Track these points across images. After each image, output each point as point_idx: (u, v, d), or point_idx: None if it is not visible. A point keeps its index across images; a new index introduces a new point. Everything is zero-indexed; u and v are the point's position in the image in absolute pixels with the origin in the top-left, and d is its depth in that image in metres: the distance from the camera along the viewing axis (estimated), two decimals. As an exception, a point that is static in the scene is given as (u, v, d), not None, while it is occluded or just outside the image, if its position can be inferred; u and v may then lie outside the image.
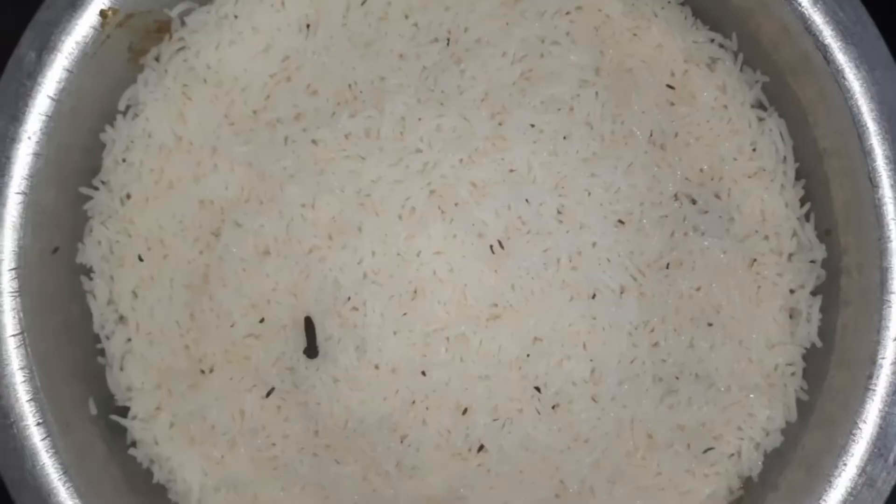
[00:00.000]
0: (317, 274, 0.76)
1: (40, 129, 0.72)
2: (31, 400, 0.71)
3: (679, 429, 0.78)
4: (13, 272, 0.71)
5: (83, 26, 0.73)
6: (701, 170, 0.79)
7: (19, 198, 0.72)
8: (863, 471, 0.69)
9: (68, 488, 0.70)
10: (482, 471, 0.77)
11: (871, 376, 0.69)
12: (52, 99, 0.72)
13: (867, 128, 0.70)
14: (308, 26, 0.80)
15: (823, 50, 0.70)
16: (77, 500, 0.70)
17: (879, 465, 0.69)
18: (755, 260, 0.79)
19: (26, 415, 0.70)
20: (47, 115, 0.72)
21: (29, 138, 0.72)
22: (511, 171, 0.77)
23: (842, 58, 0.70)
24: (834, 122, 0.72)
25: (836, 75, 0.70)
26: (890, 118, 0.69)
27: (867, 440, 0.69)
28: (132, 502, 0.77)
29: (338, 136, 0.78)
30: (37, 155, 0.72)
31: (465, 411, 0.76)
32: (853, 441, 0.69)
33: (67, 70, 0.73)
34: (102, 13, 0.72)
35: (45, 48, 0.72)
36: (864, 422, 0.69)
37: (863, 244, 0.71)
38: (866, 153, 0.69)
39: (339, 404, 0.76)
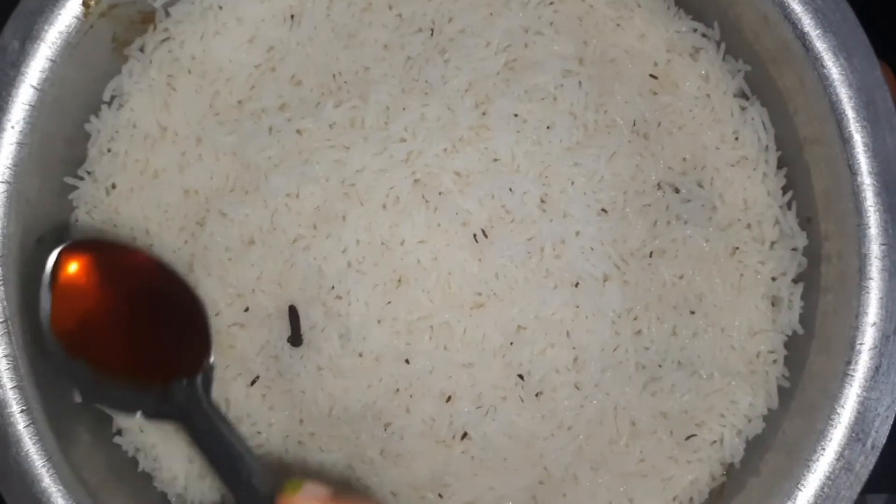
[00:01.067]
0: (301, 263, 0.77)
1: (24, 119, 0.72)
2: (15, 387, 0.71)
3: (662, 416, 0.78)
4: (-3, 260, 0.72)
5: (66, 16, 0.73)
6: (684, 159, 0.80)
7: (3, 187, 0.72)
8: (841, 455, 0.69)
9: (52, 475, 0.71)
10: (466, 458, 0.77)
11: (849, 362, 0.69)
12: (36, 88, 0.73)
13: (846, 115, 0.70)
14: (292, 17, 0.80)
15: (802, 38, 0.70)
16: (60, 487, 0.70)
17: (857, 449, 0.69)
18: (737, 248, 0.79)
19: (10, 402, 0.71)
20: (31, 105, 0.73)
21: (13, 127, 0.72)
22: (495, 160, 0.77)
23: (820, 45, 0.70)
24: (813, 110, 0.72)
25: (815, 63, 0.70)
26: (868, 106, 0.69)
27: (845, 425, 0.69)
28: (117, 490, 0.77)
29: (322, 125, 0.78)
30: (20, 144, 0.73)
31: (448, 399, 0.77)
32: (832, 426, 0.69)
33: (51, 60, 0.73)
34: (85, 3, 0.73)
35: (29, 37, 0.72)
36: (843, 407, 0.69)
37: (842, 231, 0.72)
38: (845, 140, 0.70)
39: (323, 392, 0.77)
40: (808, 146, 0.75)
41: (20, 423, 0.71)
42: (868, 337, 0.69)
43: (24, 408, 0.71)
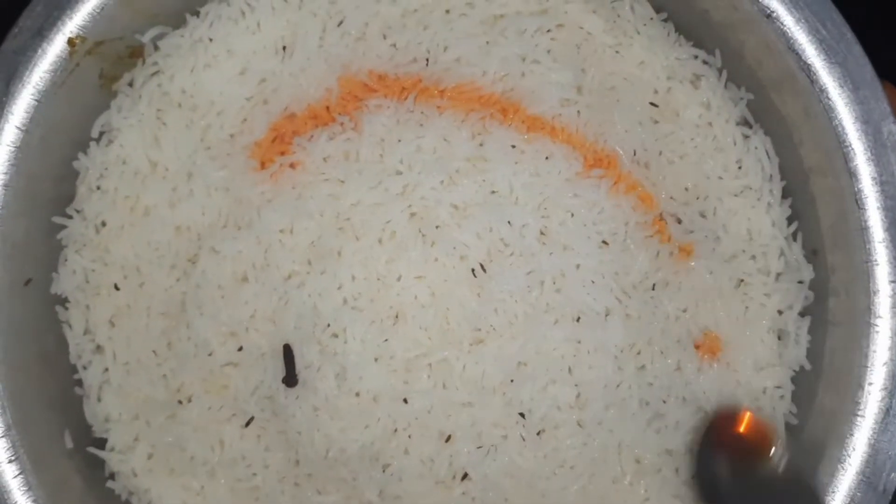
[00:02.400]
0: (296, 300, 0.75)
1: (8, 161, 0.71)
2: (2, 437, 0.69)
3: (667, 453, 0.76)
4: (-16, 306, 0.70)
5: (51, 55, 0.71)
6: (686, 188, 0.78)
7: (-12, 230, 0.71)
8: (852, 500, 0.67)
9: (42, 526, 0.69)
10: (466, 499, 0.76)
11: (858, 402, 0.68)
12: (21, 129, 0.71)
13: (852, 148, 0.68)
14: (284, 48, 0.79)
15: (807, 69, 0.68)
16: (51, 538, 0.69)
17: (869, 493, 0.67)
18: (742, 280, 0.77)
19: (-2, 452, 0.69)
20: (15, 146, 0.71)
21: (-3, 170, 0.71)
22: (493, 192, 0.76)
23: (825, 76, 0.68)
24: (819, 141, 0.71)
25: (820, 94, 0.68)
26: (875, 138, 0.67)
27: (856, 469, 0.67)
28: (110, 536, 0.76)
29: (316, 159, 0.76)
30: (6, 186, 0.71)
31: (448, 439, 0.75)
32: (842, 469, 0.68)
33: (36, 100, 0.71)
34: (70, 41, 0.71)
35: (13, 78, 0.70)
36: (854, 449, 0.67)
37: (850, 266, 0.70)
38: (852, 174, 0.68)
39: (319, 433, 0.75)
40: (814, 177, 0.73)
41: (8, 473, 0.69)
42: (878, 376, 0.67)
43: (12, 457, 0.69)
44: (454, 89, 0.77)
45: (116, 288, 0.78)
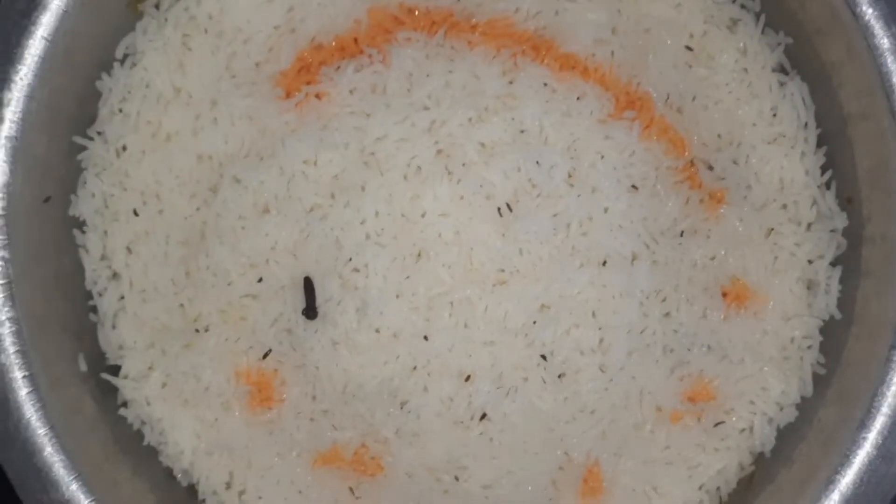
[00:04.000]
0: (318, 233, 0.74)
1: (33, 72, 0.69)
2: (17, 352, 0.68)
3: (689, 401, 0.75)
4: (2, 219, 0.68)
5: (79, -34, 0.70)
6: (718, 135, 0.77)
7: (10, 142, 0.69)
8: (882, 445, 0.66)
9: (54, 444, 0.68)
10: (484, 440, 0.74)
11: (893, 347, 0.66)
12: (47, 40, 0.69)
13: (896, 87, 0.67)
14: (314, -24, 0.77)
15: (852, 5, 0.67)
16: (63, 457, 0.68)
17: (900, 438, 0.66)
18: (772, 229, 0.76)
19: (13, 367, 0.68)
20: (41, 57, 0.69)
21: (21, 79, 0.69)
22: (522, 131, 0.74)
23: (871, 13, 0.67)
24: (861, 83, 0.69)
25: (865, 31, 0.67)
26: (921, 78, 0.66)
27: (887, 413, 0.66)
28: (122, 463, 0.75)
29: (342, 91, 0.75)
30: (29, 98, 0.70)
31: (468, 378, 0.74)
32: (872, 415, 0.67)
33: (63, 10, 0.70)
34: (99, -48, 0.70)
35: (41, -14, 0.69)
36: (885, 393, 0.66)
37: (888, 211, 0.69)
38: (895, 114, 0.67)
39: (338, 368, 0.74)
40: (853, 122, 0.72)
41: (22, 389, 0.68)
42: (915, 321, 0.66)
43: (26, 374, 0.68)
44: (486, 24, 0.76)
45: (135, 214, 0.77)
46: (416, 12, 0.77)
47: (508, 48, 0.76)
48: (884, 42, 0.66)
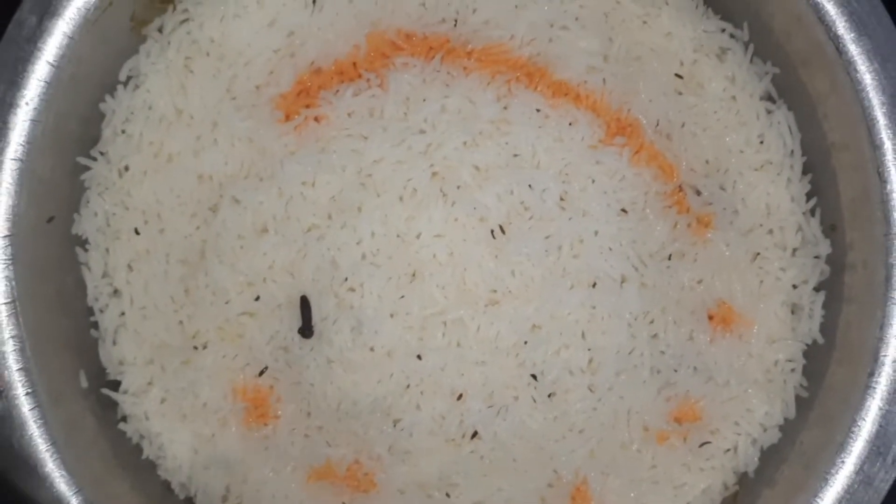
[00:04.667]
0: (314, 253, 0.75)
1: (39, 96, 0.71)
2: (21, 369, 0.70)
3: (676, 421, 0.77)
4: (6, 239, 0.70)
5: (85, -9, 0.72)
6: (707, 161, 0.78)
7: (15, 164, 0.71)
8: (861, 469, 0.68)
9: (55, 460, 0.69)
10: (475, 457, 0.76)
11: (872, 373, 0.68)
12: (52, 65, 0.71)
13: (877, 121, 0.68)
14: (314, 2, 0.79)
15: (836, 40, 0.68)
16: (64, 472, 0.69)
17: (878, 463, 0.68)
18: (758, 254, 0.78)
19: (16, 384, 0.69)
20: (46, 82, 0.71)
21: (27, 104, 0.70)
22: (515, 155, 0.76)
23: (854, 49, 0.68)
24: (844, 115, 0.71)
25: (848, 67, 0.68)
26: (901, 112, 0.68)
27: (866, 438, 0.68)
28: (121, 477, 0.76)
29: (341, 114, 0.77)
30: (35, 122, 0.71)
31: (460, 397, 0.75)
32: (852, 439, 0.68)
33: (68, 36, 0.71)
34: (104, -21, 0.71)
35: (47, 13, 0.70)
36: (864, 419, 0.68)
37: (869, 240, 0.70)
38: (876, 147, 0.68)
39: (332, 386, 0.75)
40: (836, 152, 0.73)
41: (25, 405, 0.69)
42: (893, 349, 0.68)
43: (29, 391, 0.70)
44: (481, 51, 0.78)
45: (137, 232, 0.78)
46: (414, 38, 0.78)
47: (503, 74, 0.77)
48: (866, 77, 0.68)
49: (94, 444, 0.75)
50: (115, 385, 0.79)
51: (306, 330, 0.76)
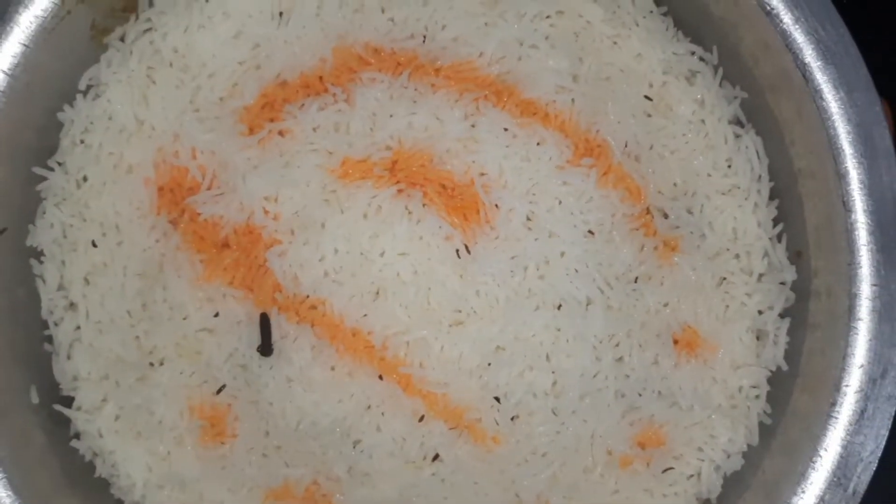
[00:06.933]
0: (276, 269, 0.74)
1: (-7, 105, 0.70)
2: (-35, 383, 0.68)
3: (639, 446, 0.76)
4: (-44, 250, 0.68)
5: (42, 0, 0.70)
6: (675, 184, 0.78)
7: (-33, 174, 0.69)
8: (821, 500, 0.67)
9: (1, 480, 0.67)
10: (436, 480, 0.75)
11: (834, 403, 0.68)
12: (7, 74, 0.70)
13: (843, 150, 0.68)
14: (281, 14, 0.78)
15: (802, 68, 0.68)
16: (10, 492, 0.67)
17: (838, 494, 0.67)
18: (724, 279, 0.77)
19: (-40, 398, 0.68)
20: (1, 91, 0.70)
21: (-20, 113, 0.69)
22: (482, 174, 0.75)
23: (820, 77, 0.68)
24: (810, 143, 0.71)
25: (814, 95, 0.68)
26: (866, 142, 0.68)
27: (828, 469, 0.67)
28: (70, 496, 0.74)
29: (305, 128, 0.75)
30: (-12, 131, 0.70)
31: (421, 419, 0.74)
32: (813, 469, 0.68)
33: (24, 45, 0.70)
34: (62, -14, 0.70)
35: (1, 21, 0.69)
36: (826, 450, 0.67)
37: (833, 268, 0.70)
38: (841, 176, 0.68)
39: (291, 405, 0.74)
40: (803, 179, 0.73)
41: (-31, 420, 0.68)
42: (854, 379, 0.67)
43: (-26, 405, 0.68)
44: (450, 68, 0.77)
45: (94, 245, 0.76)
46: (382, 53, 0.77)
47: (471, 92, 0.76)
48: (832, 106, 0.68)
49: (43, 462, 0.73)
50: (69, 401, 0.77)
51: (266, 348, 0.74)
